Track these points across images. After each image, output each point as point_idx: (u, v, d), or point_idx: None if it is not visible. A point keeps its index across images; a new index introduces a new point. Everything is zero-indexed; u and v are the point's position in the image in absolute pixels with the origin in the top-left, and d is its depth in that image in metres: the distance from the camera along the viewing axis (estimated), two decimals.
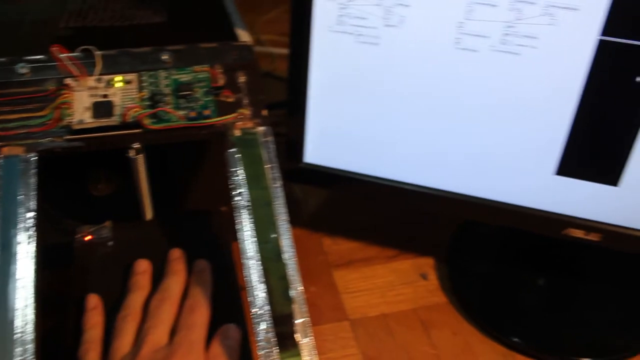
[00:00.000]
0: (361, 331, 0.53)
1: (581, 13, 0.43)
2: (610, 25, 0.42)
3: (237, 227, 0.41)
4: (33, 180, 0.41)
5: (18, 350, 0.35)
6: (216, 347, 0.43)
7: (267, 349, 0.38)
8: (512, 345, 0.52)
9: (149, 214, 0.52)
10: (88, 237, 0.50)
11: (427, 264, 0.61)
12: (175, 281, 0.46)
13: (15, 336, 0.35)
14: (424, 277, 0.59)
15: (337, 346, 0.51)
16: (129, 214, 0.55)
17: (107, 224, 0.51)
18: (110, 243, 0.50)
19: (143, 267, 0.48)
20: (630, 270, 0.61)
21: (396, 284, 0.58)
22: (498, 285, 0.59)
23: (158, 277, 0.47)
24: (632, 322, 0.55)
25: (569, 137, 0.47)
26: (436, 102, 0.49)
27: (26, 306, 0.37)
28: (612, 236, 0.49)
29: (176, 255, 0.49)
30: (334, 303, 0.55)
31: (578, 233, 0.50)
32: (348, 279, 0.58)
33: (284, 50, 0.94)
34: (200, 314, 0.44)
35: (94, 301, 0.45)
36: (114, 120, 0.43)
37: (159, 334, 0.42)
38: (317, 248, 0.61)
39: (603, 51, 0.43)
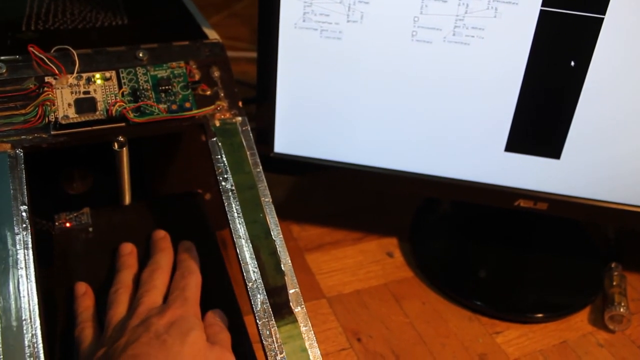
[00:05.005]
0: (339, 307, 0.56)
1: (520, 7, 0.48)
2: (545, 18, 0.47)
3: (227, 209, 0.44)
4: (23, 175, 0.42)
5: (27, 336, 0.36)
6: (211, 317, 0.44)
7: (265, 319, 0.41)
8: (475, 309, 0.57)
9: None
10: (68, 224, 0.49)
11: (391, 243, 0.65)
12: (164, 256, 0.47)
13: (24, 323, 0.36)
14: (390, 255, 0.63)
15: (319, 322, 0.54)
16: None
17: (86, 210, 0.51)
18: (90, 229, 0.50)
19: (129, 249, 0.48)
20: (571, 238, 0.67)
21: (365, 263, 0.62)
22: (458, 257, 0.63)
23: (143, 259, 0.48)
24: (573, 283, 0.61)
25: (515, 116, 0.52)
26: (396, 90, 0.53)
27: (30, 293, 0.38)
28: (557, 205, 0.55)
29: (161, 235, 0.49)
30: (310, 283, 0.58)
31: (528, 203, 0.56)
32: (320, 261, 0.61)
33: (231, 53, 0.96)
34: (192, 278, 0.45)
35: (82, 288, 0.45)
36: (99, 115, 0.45)
37: (153, 297, 0.43)
38: (287, 235, 0.64)
39: (540, 40, 0.48)
